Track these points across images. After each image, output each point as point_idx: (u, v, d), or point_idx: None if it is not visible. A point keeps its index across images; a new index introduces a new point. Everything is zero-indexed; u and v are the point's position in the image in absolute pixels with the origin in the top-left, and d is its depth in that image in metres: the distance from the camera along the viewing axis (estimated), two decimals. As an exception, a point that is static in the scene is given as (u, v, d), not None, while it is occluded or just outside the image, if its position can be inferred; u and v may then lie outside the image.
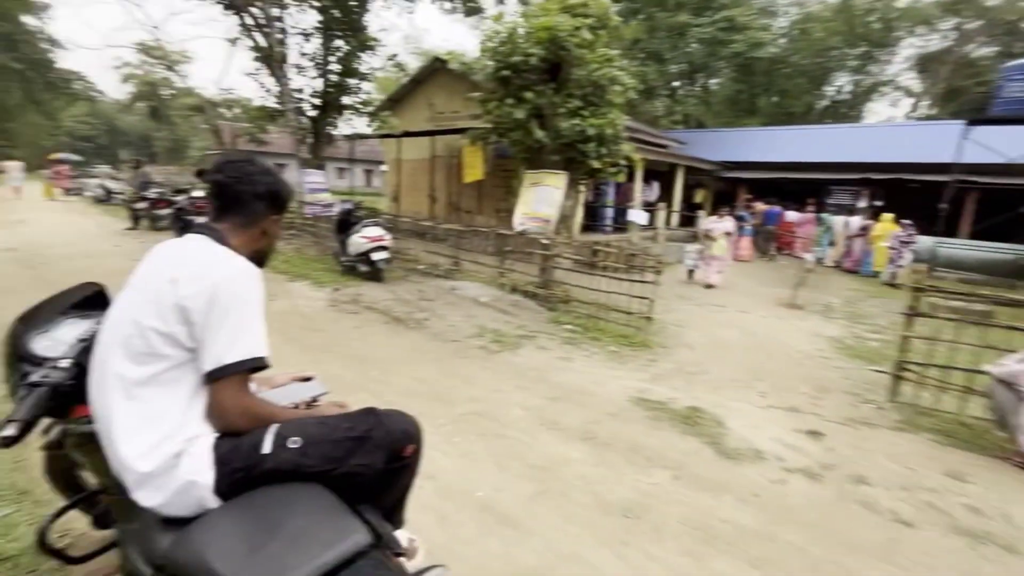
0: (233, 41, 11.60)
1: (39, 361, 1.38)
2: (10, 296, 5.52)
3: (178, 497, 1.11)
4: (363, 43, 11.56)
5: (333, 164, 28.17)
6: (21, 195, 17.37)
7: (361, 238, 7.30)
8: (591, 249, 6.63)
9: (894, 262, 11.49)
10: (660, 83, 25.80)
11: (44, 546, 1.38)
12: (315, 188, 11.06)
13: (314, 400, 1.55)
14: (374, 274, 7.41)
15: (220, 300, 1.13)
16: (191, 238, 1.28)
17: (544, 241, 6.81)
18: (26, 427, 1.20)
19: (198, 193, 10.18)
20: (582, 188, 7.31)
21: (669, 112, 27.25)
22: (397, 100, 14.75)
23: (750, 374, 4.89)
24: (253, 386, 1.34)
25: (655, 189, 14.90)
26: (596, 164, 6.58)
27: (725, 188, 18.24)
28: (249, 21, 10.79)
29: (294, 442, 1.20)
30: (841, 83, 29.90)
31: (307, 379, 1.60)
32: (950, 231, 13.28)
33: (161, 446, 1.10)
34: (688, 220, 15.92)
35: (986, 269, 12.14)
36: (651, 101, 26.76)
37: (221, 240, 1.28)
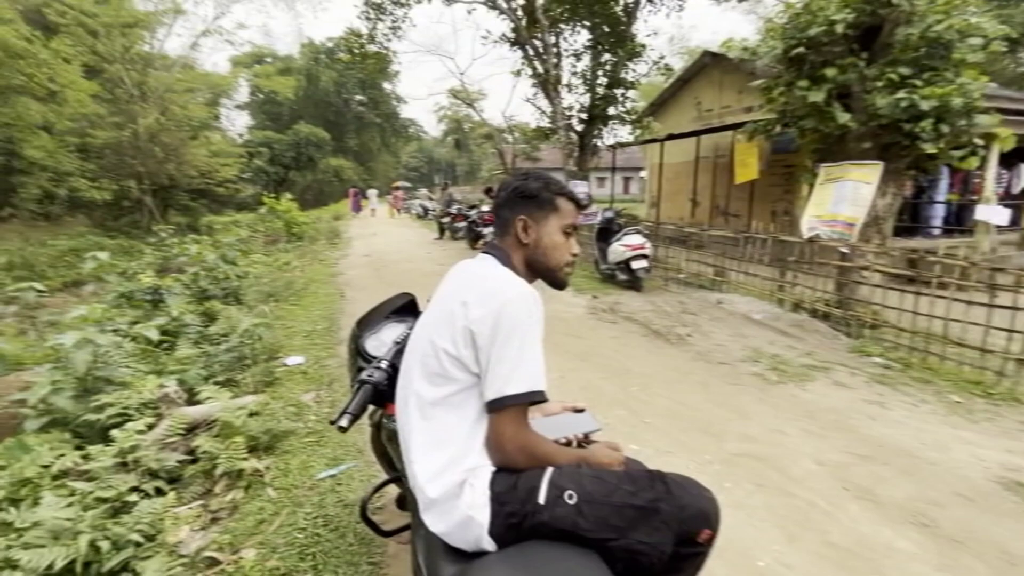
0: (517, 73, 13.14)
1: (369, 359, 1.64)
2: (364, 292, 7.38)
3: (459, 530, 1.13)
4: (630, 53, 11.60)
5: (593, 174, 29.46)
6: (375, 215, 23.93)
7: (621, 246, 7.26)
8: (914, 258, 5.02)
9: None
10: (1015, 34, 18.40)
11: (364, 516, 1.64)
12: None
13: (586, 437, 1.43)
14: (633, 283, 7.28)
15: (503, 326, 1.10)
16: (481, 259, 1.31)
17: (843, 249, 5.50)
18: (354, 418, 1.41)
19: (485, 208, 11.89)
20: (906, 181, 5.64)
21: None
22: (660, 104, 14.38)
23: None
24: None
25: (1022, 175, 10.67)
26: (931, 148, 4.95)
27: None
28: (530, 52, 12.04)
29: (570, 496, 1.10)
30: None
31: (579, 411, 1.50)
32: None
33: (447, 472, 1.13)
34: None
35: None
36: (1014, 54, 19.41)
37: (504, 259, 1.29)
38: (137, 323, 5.30)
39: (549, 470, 1.14)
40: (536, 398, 1.12)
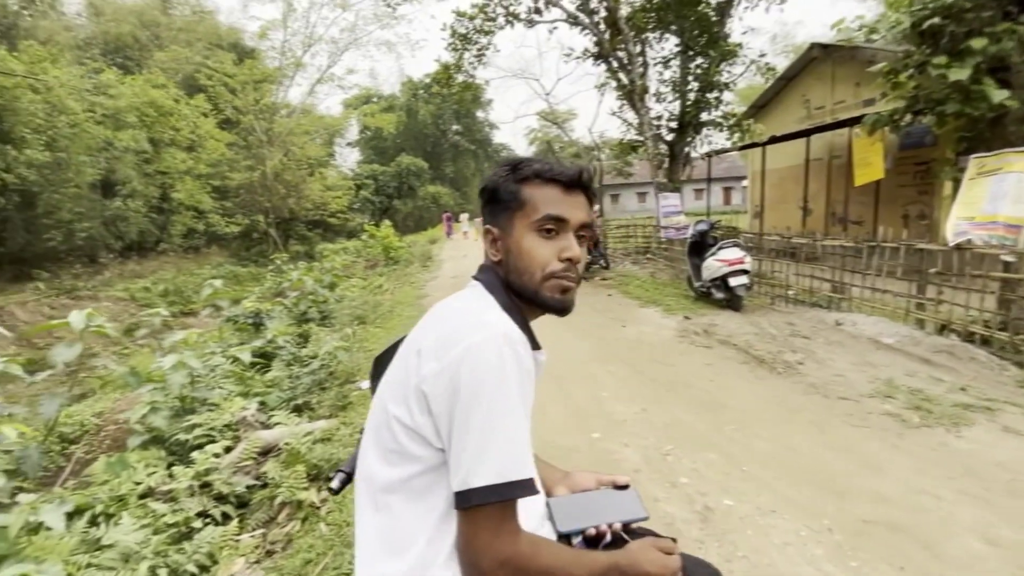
0: (601, 86, 12.85)
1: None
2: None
3: None
4: (724, 53, 10.80)
5: (690, 186, 27.99)
6: (468, 238, 24.53)
7: (717, 261, 6.57)
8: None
9: None
10: None
11: None
12: (670, 211, 10.90)
13: (625, 528, 0.99)
14: (731, 302, 6.53)
15: (462, 386, 0.76)
16: (468, 285, 0.96)
17: (1007, 258, 4.42)
18: (349, 478, 1.19)
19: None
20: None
21: None
22: (761, 106, 13.22)
23: None
24: (538, 500, 0.94)
25: None
26: None
27: None
28: (615, 64, 11.70)
29: None
30: None
31: (622, 487, 1.05)
32: None
33: None
34: None
35: None
36: None
37: (492, 285, 0.92)
38: (242, 344, 5.71)
39: None
40: (518, 492, 0.76)
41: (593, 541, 0.95)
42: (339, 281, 9.77)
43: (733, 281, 6.42)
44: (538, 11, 12.25)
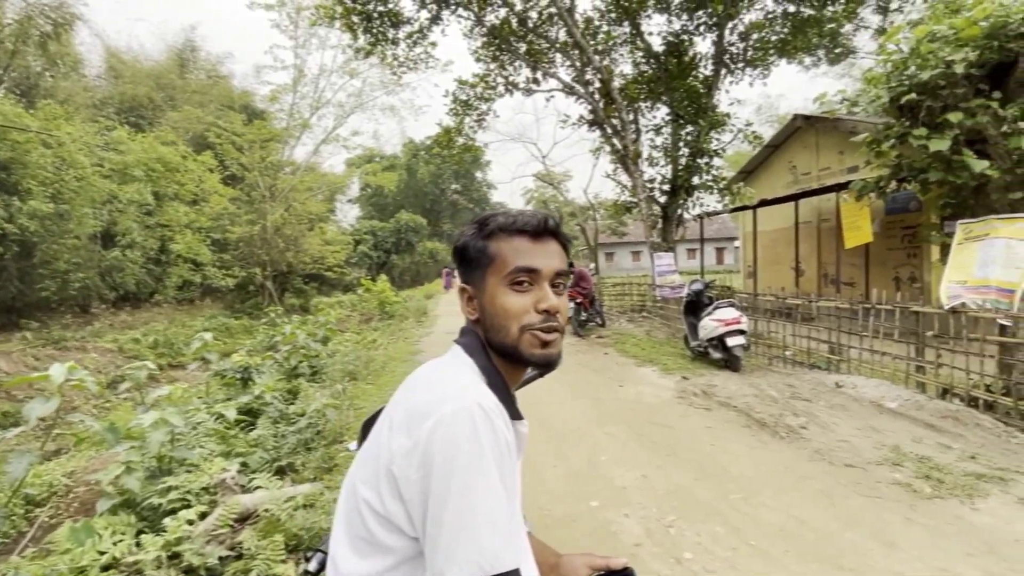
0: (596, 151, 13.37)
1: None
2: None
3: None
4: (712, 123, 11.34)
5: (683, 245, 28.55)
6: None
7: (713, 321, 6.55)
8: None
9: None
10: None
11: None
12: (665, 270, 11.03)
13: None
14: (729, 362, 6.45)
15: (435, 466, 0.68)
16: (450, 350, 0.91)
17: (1003, 321, 4.43)
18: (325, 560, 1.09)
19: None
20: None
21: None
22: (750, 171, 13.73)
23: None
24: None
25: None
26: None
27: None
28: (608, 131, 12.23)
29: None
30: None
31: (619, 571, 0.95)
32: None
33: None
34: None
35: None
36: None
37: (472, 346, 0.87)
38: (228, 400, 5.52)
39: None
40: None
41: None
42: (333, 335, 9.64)
43: (730, 341, 6.37)
44: (536, 81, 12.95)
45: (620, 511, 3.11)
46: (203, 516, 3.19)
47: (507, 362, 0.86)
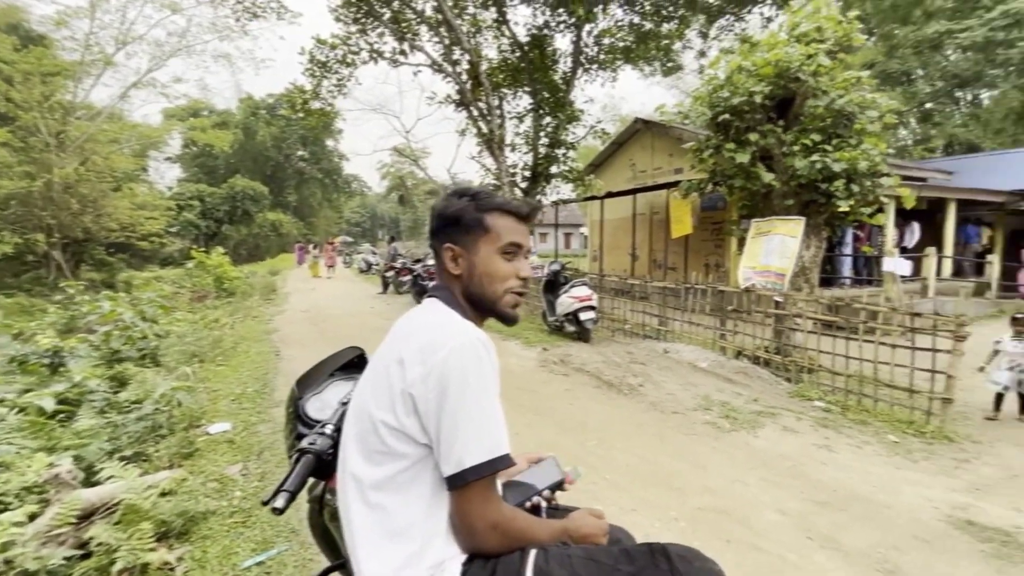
0: (462, 132, 13.53)
1: (311, 423, 1.42)
2: (302, 348, 6.91)
3: None
4: (569, 117, 12.29)
5: (538, 230, 30.32)
6: (330, 275, 21.64)
7: (569, 298, 7.32)
8: (840, 306, 5.40)
9: None
10: (907, 108, 21.52)
11: None
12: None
13: (558, 487, 1.30)
14: (582, 334, 7.30)
15: (450, 384, 0.91)
16: (426, 303, 1.11)
17: (777, 298, 5.81)
18: (292, 496, 1.19)
19: (431, 261, 11.76)
20: (824, 235, 6.13)
21: (924, 139, 22.39)
22: (598, 164, 15.21)
23: None
24: None
25: (916, 231, 12.00)
26: (844, 206, 5.45)
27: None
28: (475, 113, 12.48)
29: None
30: None
31: (541, 460, 1.35)
32: None
33: (407, 570, 0.94)
34: (975, 269, 12.33)
35: None
36: (890, 132, 22.47)
37: (449, 299, 1.08)
38: (30, 391, 4.61)
39: (532, 553, 0.97)
40: (502, 465, 0.94)
41: (533, 511, 1.17)
42: (166, 312, 8.43)
43: (583, 316, 7.21)
44: (403, 53, 12.59)
45: (499, 465, 3.47)
46: (33, 517, 2.77)
47: (477, 313, 1.11)
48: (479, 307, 1.10)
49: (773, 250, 5.88)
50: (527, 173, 12.88)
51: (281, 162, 42.79)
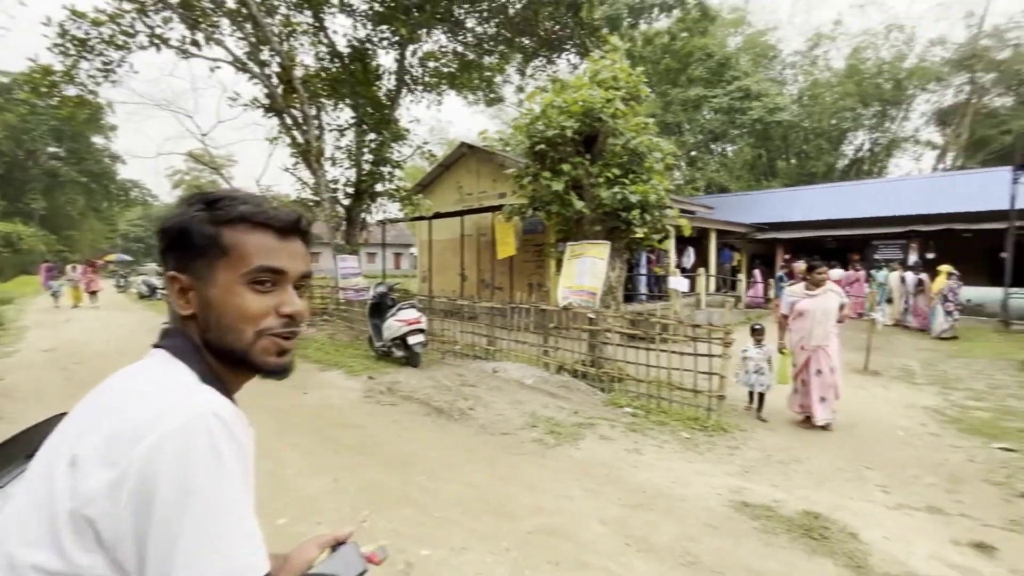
0: (273, 140, 12.23)
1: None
2: (36, 401, 5.28)
3: None
4: (395, 135, 12.03)
5: (364, 249, 28.98)
6: (92, 302, 16.95)
7: (397, 321, 6.99)
8: (639, 320, 6.15)
9: (948, 315, 10.61)
10: (679, 154, 26.33)
11: None
12: (349, 273, 11.05)
13: None
14: (411, 358, 7.01)
15: (159, 489, 0.58)
16: (147, 359, 0.76)
17: (590, 315, 6.35)
18: None
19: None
20: (626, 257, 6.93)
21: (690, 180, 27.55)
22: (426, 185, 15.19)
23: (855, 460, 4.13)
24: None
25: (691, 255, 14.53)
26: (640, 232, 6.26)
27: (761, 250, 17.77)
28: (288, 121, 11.40)
29: None
30: (859, 142, 30.00)
31: (338, 545, 0.97)
32: (1018, 281, 12.31)
33: None
34: (728, 284, 15.38)
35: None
36: (670, 171, 27.28)
37: (183, 350, 0.74)
38: None
39: None
40: None
41: None
42: None
43: (412, 340, 6.93)
44: (196, 43, 10.91)
45: (312, 521, 3.01)
46: None
47: (230, 368, 0.77)
48: (228, 361, 0.76)
49: (586, 271, 6.44)
50: (350, 189, 12.20)
51: (20, 159, 33.61)
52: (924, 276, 11.85)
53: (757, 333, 5.38)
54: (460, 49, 13.60)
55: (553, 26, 13.35)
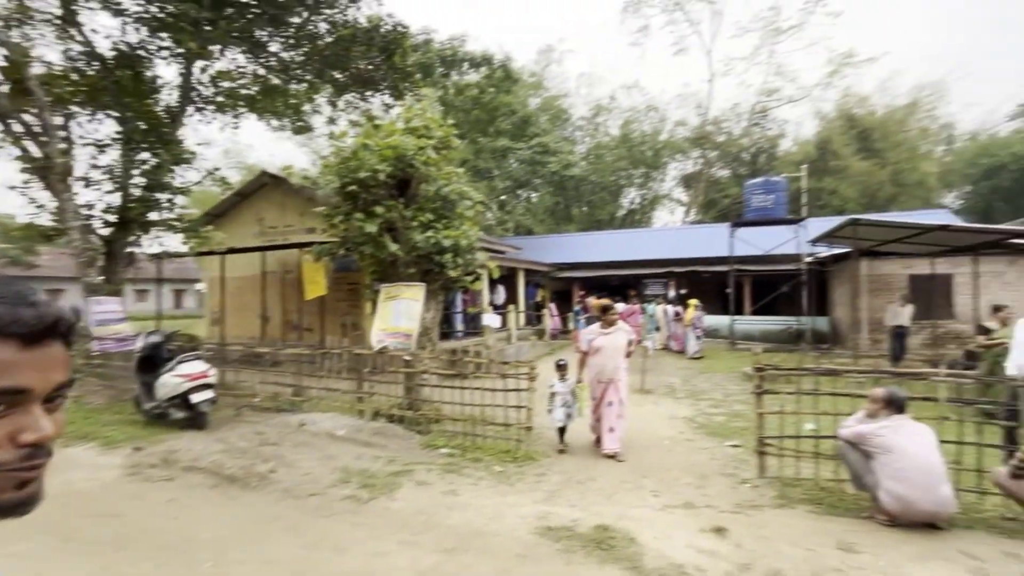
0: (-9, 150, 9.48)
1: None
2: None
3: None
4: (176, 157, 10.40)
5: (132, 286, 24.03)
6: None
7: (175, 377, 5.92)
8: (455, 359, 6.34)
9: (698, 339, 13.44)
10: (490, 197, 28.29)
11: None
12: (109, 319, 8.99)
13: None
14: (195, 420, 5.98)
15: None
16: None
17: (406, 357, 6.31)
18: None
19: None
20: (441, 298, 7.12)
21: (500, 222, 29.75)
22: (219, 215, 13.46)
23: (636, 472, 4.85)
24: None
25: (502, 292, 15.54)
26: (453, 274, 6.52)
27: (560, 287, 19.97)
28: (20, 129, 9.02)
29: None
30: (632, 196, 36.37)
31: None
32: (739, 310, 16.16)
33: None
34: (535, 319, 16.83)
35: (768, 338, 14.87)
36: (482, 215, 29.11)
37: None
38: None
39: None
40: None
41: None
42: None
43: (196, 397, 5.94)
44: None
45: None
46: None
47: None
48: None
49: (401, 313, 6.41)
50: (112, 217, 10.10)
51: None
52: (680, 308, 14.73)
53: (561, 369, 5.87)
54: (262, 72, 12.61)
55: (366, 65, 13.33)
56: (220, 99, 12.14)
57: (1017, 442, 3.92)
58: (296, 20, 12.14)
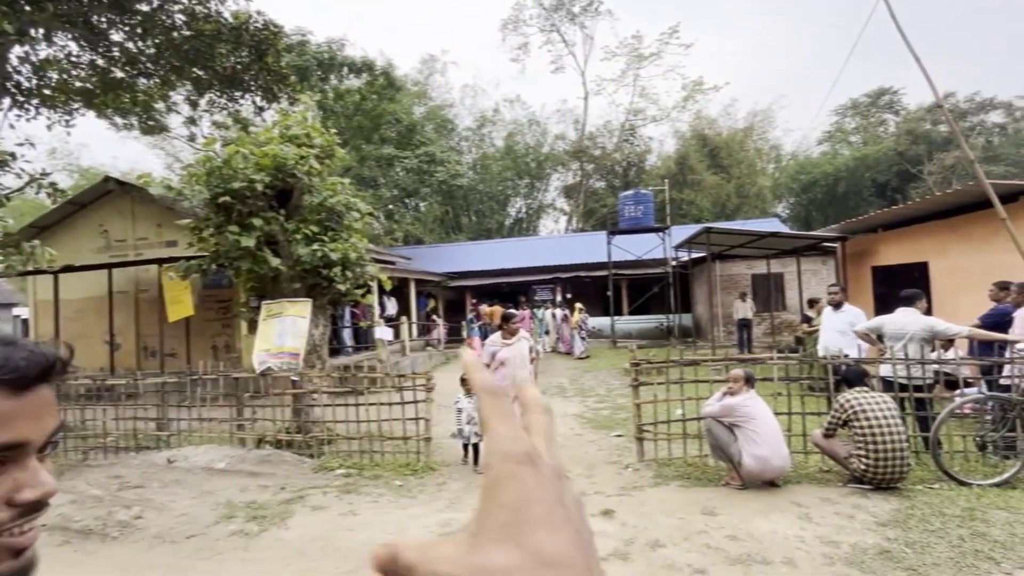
0: None
1: None
2: None
3: None
4: (-13, 158, 8.70)
5: (-79, 316, 19.53)
6: None
7: None
8: (347, 375, 6.13)
9: (583, 340, 14.40)
10: (377, 206, 27.50)
11: None
12: None
13: None
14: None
15: None
16: None
17: (293, 378, 5.96)
18: None
19: None
20: (329, 313, 6.84)
21: (389, 231, 29.03)
22: (48, 227, 11.49)
23: (532, 470, 5.10)
24: None
25: (393, 304, 15.21)
26: (343, 288, 6.30)
27: (452, 296, 20.06)
28: None
29: None
30: (519, 205, 37.70)
31: None
32: (618, 311, 17.54)
33: None
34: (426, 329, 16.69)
35: (644, 336, 16.37)
36: (370, 224, 28.19)
37: None
38: None
39: None
40: None
41: None
42: None
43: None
44: None
45: None
46: None
47: None
48: None
49: (286, 331, 6.04)
50: None
51: None
52: (566, 312, 15.62)
53: (466, 383, 5.83)
54: (102, 63, 11.04)
55: (234, 63, 12.30)
56: (47, 92, 10.40)
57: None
58: (144, 7, 10.83)
